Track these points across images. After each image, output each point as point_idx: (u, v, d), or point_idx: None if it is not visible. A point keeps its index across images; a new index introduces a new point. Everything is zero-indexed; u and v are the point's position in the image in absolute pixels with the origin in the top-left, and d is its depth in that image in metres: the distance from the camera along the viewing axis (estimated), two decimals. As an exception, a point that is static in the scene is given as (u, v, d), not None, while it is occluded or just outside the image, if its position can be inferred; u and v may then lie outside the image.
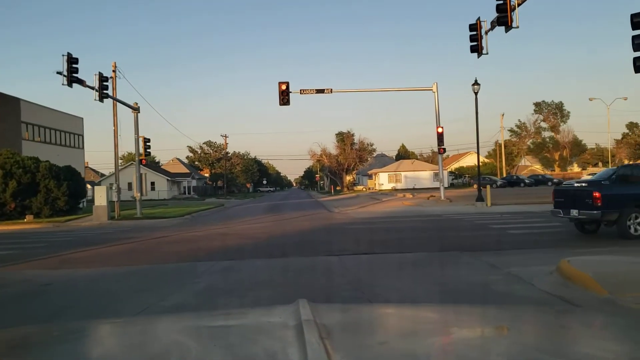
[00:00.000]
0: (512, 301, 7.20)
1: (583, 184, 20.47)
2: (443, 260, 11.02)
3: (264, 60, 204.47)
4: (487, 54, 17.78)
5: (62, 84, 20.33)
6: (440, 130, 27.90)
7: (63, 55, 20.12)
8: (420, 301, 7.26)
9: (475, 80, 27.95)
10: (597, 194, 13.38)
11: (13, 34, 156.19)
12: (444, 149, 28.33)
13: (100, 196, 28.12)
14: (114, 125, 28.64)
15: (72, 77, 20.54)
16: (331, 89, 28.78)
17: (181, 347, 1.55)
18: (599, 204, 13.20)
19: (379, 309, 2.71)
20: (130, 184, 45.65)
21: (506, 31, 15.26)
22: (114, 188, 28.66)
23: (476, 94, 28.02)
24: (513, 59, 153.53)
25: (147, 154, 29.78)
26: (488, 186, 28.61)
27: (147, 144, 29.16)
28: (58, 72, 20.24)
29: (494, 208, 26.86)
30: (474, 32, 17.84)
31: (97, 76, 23.14)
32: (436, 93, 28.34)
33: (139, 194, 28.62)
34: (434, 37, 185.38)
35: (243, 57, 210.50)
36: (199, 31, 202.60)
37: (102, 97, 23.32)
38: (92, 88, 23.05)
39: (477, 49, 17.87)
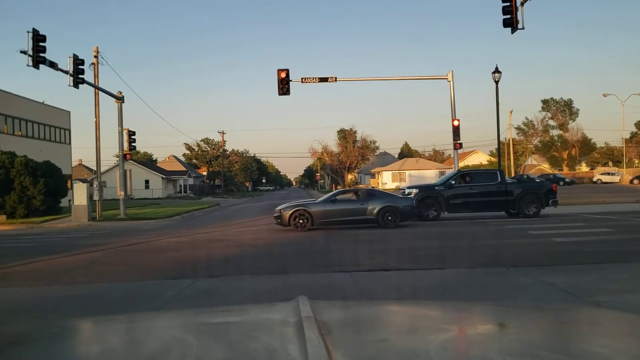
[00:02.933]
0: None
1: (413, 190, 19.15)
2: (491, 281, 8.31)
3: (263, 56, 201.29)
4: (523, 28, 15.06)
5: (27, 65, 17.63)
6: (456, 122, 25.18)
7: (28, 32, 17.38)
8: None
9: (496, 68, 25.27)
10: None
11: (10, 28, 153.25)
12: (461, 144, 25.61)
13: (80, 194, 25.42)
14: (96, 117, 25.95)
15: (38, 57, 17.77)
16: (335, 78, 26.04)
17: (182, 344, 1.52)
18: None
19: (379, 306, 2.45)
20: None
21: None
22: (95, 185, 25.95)
23: (497, 82, 25.33)
24: (518, 56, 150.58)
25: (132, 148, 27.05)
26: (510, 185, 25.87)
27: (132, 137, 26.42)
28: (22, 52, 17.51)
29: (517, 209, 24.18)
30: (508, 3, 15.10)
31: (72, 58, 20.38)
32: (451, 82, 25.62)
33: (122, 193, 25.89)
34: (438, 34, 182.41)
35: (242, 53, 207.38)
36: (197, 27, 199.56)
37: (77, 82, 20.52)
38: (66, 72, 20.30)
39: (511, 22, 15.15)
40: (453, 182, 20.27)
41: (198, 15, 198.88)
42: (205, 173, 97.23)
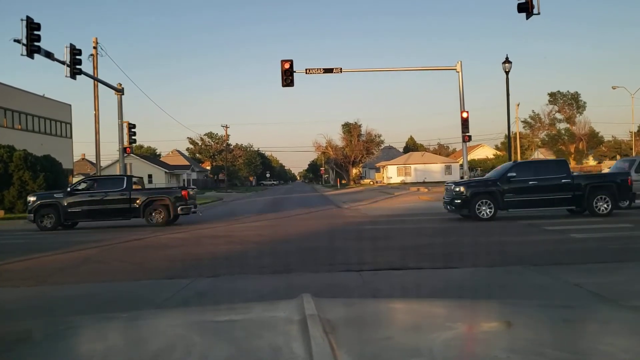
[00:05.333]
0: None
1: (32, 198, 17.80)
2: (510, 282, 7.69)
3: (267, 50, 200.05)
4: (538, 13, 14.36)
5: (22, 54, 17.03)
6: (465, 115, 24.47)
7: (22, 20, 16.77)
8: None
9: (507, 58, 24.50)
10: None
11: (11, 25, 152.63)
12: (470, 137, 24.88)
13: (79, 189, 24.86)
14: (95, 110, 25.41)
15: (32, 46, 17.16)
16: (340, 69, 25.33)
17: (186, 341, 1.52)
18: None
19: (383, 304, 2.48)
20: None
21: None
22: (94, 180, 25.35)
23: (507, 72, 24.58)
24: (524, 50, 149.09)
25: (133, 142, 26.46)
26: (520, 179, 25.14)
27: (132, 130, 25.83)
28: (16, 40, 16.90)
29: (528, 204, 23.48)
30: (523, -13, 14.39)
31: (69, 48, 19.76)
32: (460, 73, 24.87)
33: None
34: (441, 30, 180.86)
35: (245, 47, 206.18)
36: (199, 21, 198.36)
37: (74, 73, 19.92)
38: (62, 62, 19.69)
39: (526, 7, 14.46)
40: (69, 189, 18.95)
41: (199, 9, 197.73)
42: (209, 167, 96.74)
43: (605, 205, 16.44)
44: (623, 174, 17.75)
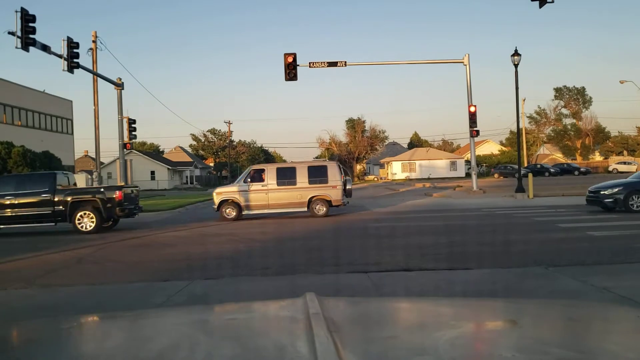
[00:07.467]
0: None
1: None
2: (532, 286, 7.14)
3: (271, 47, 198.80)
4: (552, 2, 13.70)
5: (16, 47, 16.52)
6: (472, 109, 23.84)
7: (16, 12, 16.25)
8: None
9: (516, 51, 23.85)
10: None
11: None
12: (477, 131, 24.26)
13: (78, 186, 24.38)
14: (94, 105, 24.87)
15: (27, 38, 16.63)
16: (345, 62, 24.76)
17: (190, 340, 1.52)
18: None
19: (387, 303, 2.41)
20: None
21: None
22: (94, 176, 24.92)
23: (516, 65, 23.92)
24: (531, 43, 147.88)
25: (133, 138, 25.92)
26: (530, 175, 24.50)
27: (132, 125, 25.29)
28: (10, 33, 16.39)
29: (538, 200, 22.87)
30: (536, -26, 13.77)
31: (66, 41, 19.22)
32: (468, 66, 24.25)
33: (122, 184, 24.79)
34: (443, 25, 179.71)
35: (248, 43, 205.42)
36: (202, 17, 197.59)
37: (72, 66, 19.37)
38: (59, 56, 19.16)
39: (540, -6, 13.80)
40: None
41: (202, 3, 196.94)
42: (212, 164, 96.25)
43: (90, 222, 15.78)
44: (113, 188, 16.91)
